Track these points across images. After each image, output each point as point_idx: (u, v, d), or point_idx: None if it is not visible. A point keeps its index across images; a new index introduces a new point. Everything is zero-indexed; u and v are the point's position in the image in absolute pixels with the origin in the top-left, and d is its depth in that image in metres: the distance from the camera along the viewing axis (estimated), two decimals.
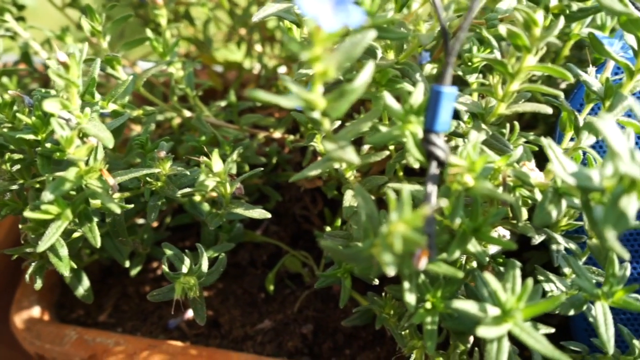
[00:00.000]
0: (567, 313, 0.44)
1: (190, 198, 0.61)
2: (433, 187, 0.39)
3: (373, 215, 0.41)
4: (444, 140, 0.40)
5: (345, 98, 0.38)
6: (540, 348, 0.38)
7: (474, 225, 0.40)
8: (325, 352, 0.61)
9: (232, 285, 0.68)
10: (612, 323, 0.42)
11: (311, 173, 0.46)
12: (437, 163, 0.40)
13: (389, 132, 0.42)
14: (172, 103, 0.62)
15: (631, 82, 0.44)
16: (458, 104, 0.48)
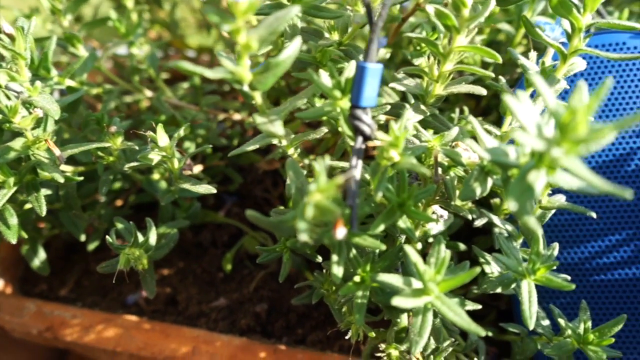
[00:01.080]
0: (494, 290, 0.45)
1: (148, 176, 0.62)
2: (357, 161, 0.40)
3: (302, 189, 0.42)
4: (371, 116, 0.41)
5: (271, 71, 0.39)
6: (459, 321, 0.39)
7: (398, 200, 0.41)
8: (277, 331, 0.62)
9: (192, 264, 0.69)
10: (536, 301, 0.42)
11: (248, 148, 0.47)
12: (363, 138, 0.41)
13: (320, 108, 0.43)
14: (134, 83, 0.63)
15: (564, 66, 0.45)
16: (401, 86, 0.48)
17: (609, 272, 0.52)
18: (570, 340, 0.44)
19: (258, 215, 0.40)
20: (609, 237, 0.51)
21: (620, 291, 0.51)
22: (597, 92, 0.31)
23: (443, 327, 0.52)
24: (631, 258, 0.51)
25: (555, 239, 0.53)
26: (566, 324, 0.44)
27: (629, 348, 0.51)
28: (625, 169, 0.51)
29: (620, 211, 0.51)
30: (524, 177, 0.35)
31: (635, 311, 0.51)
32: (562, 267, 0.52)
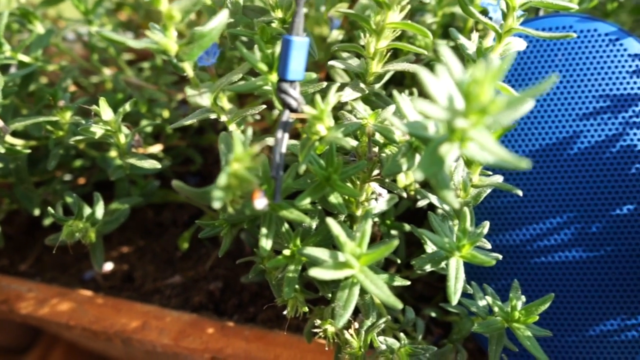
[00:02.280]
0: (424, 267, 0.45)
1: (104, 153, 0.62)
2: (283, 134, 0.41)
3: None
4: (298, 90, 0.41)
5: (196, 43, 0.39)
6: (379, 293, 0.39)
7: (324, 174, 0.42)
8: (229, 309, 0.63)
9: (152, 243, 0.70)
10: (463, 277, 0.43)
11: (186, 123, 0.47)
12: (290, 111, 0.41)
13: (253, 82, 0.43)
14: (92, 62, 0.64)
15: (500, 45, 0.45)
16: (340, 64, 0.49)
17: (550, 254, 0.52)
18: (499, 319, 0.45)
19: (182, 185, 0.40)
20: (550, 220, 0.51)
21: (560, 273, 0.52)
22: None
23: (382, 305, 0.52)
24: (571, 241, 0.51)
25: (498, 221, 0.53)
26: (494, 302, 0.44)
27: (567, 330, 0.52)
28: (568, 152, 0.51)
29: (562, 194, 0.51)
30: (435, 149, 0.35)
31: (575, 293, 0.51)
32: (504, 249, 0.53)
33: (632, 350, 0.51)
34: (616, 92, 0.51)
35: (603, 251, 0.51)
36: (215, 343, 0.57)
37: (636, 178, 0.50)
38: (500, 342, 0.46)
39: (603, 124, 0.51)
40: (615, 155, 0.50)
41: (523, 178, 0.52)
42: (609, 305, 0.51)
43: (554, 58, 0.52)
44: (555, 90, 0.52)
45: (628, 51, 0.51)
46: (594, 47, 0.51)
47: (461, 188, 0.46)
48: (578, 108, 0.51)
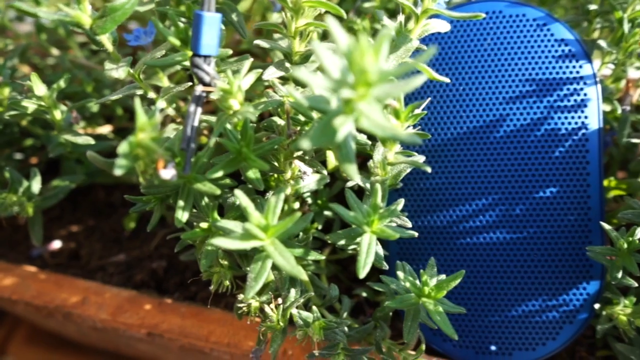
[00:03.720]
0: (337, 242, 0.46)
1: (49, 132, 0.63)
2: (196, 108, 0.42)
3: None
4: (213, 65, 0.42)
5: (109, 16, 0.40)
6: (285, 265, 0.40)
7: (236, 147, 0.42)
8: (171, 287, 0.64)
9: (102, 222, 0.71)
10: (374, 252, 0.43)
11: (112, 98, 0.48)
12: (202, 85, 0.42)
13: (171, 57, 0.44)
14: (40, 41, 0.65)
15: (418, 26, 0.46)
16: (265, 43, 0.49)
17: (476, 235, 0.53)
18: (413, 295, 0.45)
19: (95, 155, 0.41)
20: (476, 201, 0.52)
21: (485, 254, 0.52)
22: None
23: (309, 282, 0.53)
24: (496, 222, 0.52)
25: (427, 202, 0.54)
26: (405, 278, 0.45)
27: (491, 310, 0.53)
28: (495, 135, 0.52)
29: (488, 176, 0.52)
30: (329, 121, 0.36)
31: (498, 274, 0.52)
32: (431, 230, 0.54)
33: (553, 331, 0.52)
34: (542, 77, 0.52)
35: (526, 233, 0.52)
36: (151, 319, 0.58)
37: (559, 161, 0.51)
38: (415, 318, 0.46)
39: (529, 108, 0.52)
40: (539, 139, 0.51)
41: (451, 160, 0.53)
42: (531, 286, 0.52)
43: (482, 42, 0.53)
44: (484, 73, 0.52)
45: (555, 36, 0.52)
46: (522, 32, 0.52)
47: (379, 166, 0.47)
48: (505, 92, 0.52)
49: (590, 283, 0.51)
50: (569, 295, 0.51)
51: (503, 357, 0.53)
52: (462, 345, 0.53)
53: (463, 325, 0.53)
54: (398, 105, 0.43)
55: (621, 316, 0.49)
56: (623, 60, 0.53)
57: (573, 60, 0.51)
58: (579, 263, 0.51)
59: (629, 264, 0.45)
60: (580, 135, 0.51)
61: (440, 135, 0.53)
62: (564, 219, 0.51)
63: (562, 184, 0.51)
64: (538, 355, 0.52)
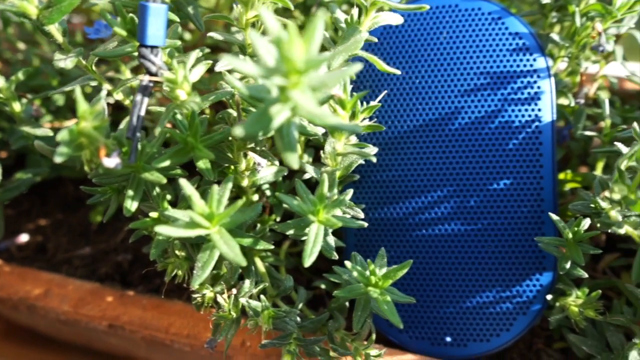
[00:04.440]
0: (286, 232, 0.46)
1: (13, 125, 0.64)
2: (142, 97, 0.42)
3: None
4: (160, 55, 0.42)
5: (55, 7, 0.41)
6: (228, 252, 0.40)
7: (182, 137, 0.43)
8: (135, 280, 0.64)
9: (70, 216, 0.72)
10: (321, 242, 0.44)
11: (66, 89, 0.48)
12: (149, 75, 0.42)
13: (121, 48, 0.45)
14: (7, 35, 0.65)
15: (367, 19, 0.46)
16: (219, 35, 0.50)
17: (431, 227, 0.53)
18: (361, 285, 0.46)
19: (42, 144, 0.42)
20: (431, 193, 0.53)
21: (439, 246, 0.53)
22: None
23: (266, 274, 0.54)
24: (451, 214, 0.52)
25: (382, 194, 0.54)
26: (353, 267, 0.45)
27: (446, 302, 0.53)
28: (450, 127, 0.52)
29: (443, 169, 0.52)
30: (266, 110, 0.36)
31: (453, 266, 0.53)
32: (388, 222, 0.54)
33: (507, 322, 0.52)
34: (496, 70, 0.52)
35: (480, 225, 0.52)
36: (112, 311, 0.59)
37: (513, 154, 0.51)
38: (365, 308, 0.47)
39: (483, 101, 0.52)
40: (493, 131, 0.52)
41: (407, 152, 0.53)
42: (485, 277, 0.52)
43: (439, 35, 0.53)
44: (439, 66, 0.53)
45: (509, 30, 0.52)
46: (477, 25, 0.53)
47: (329, 157, 0.47)
48: (460, 84, 0.52)
49: (543, 274, 0.51)
50: (522, 286, 0.52)
51: (458, 348, 0.53)
52: (418, 336, 0.54)
53: (419, 316, 0.54)
54: (344, 95, 0.43)
55: (572, 307, 0.49)
56: (577, 54, 0.53)
57: (527, 53, 0.52)
58: (532, 255, 0.51)
59: (575, 254, 0.46)
60: (534, 127, 0.51)
61: (397, 127, 0.54)
62: (518, 211, 0.51)
63: (515, 176, 0.51)
64: (492, 346, 0.52)
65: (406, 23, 0.54)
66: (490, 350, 0.52)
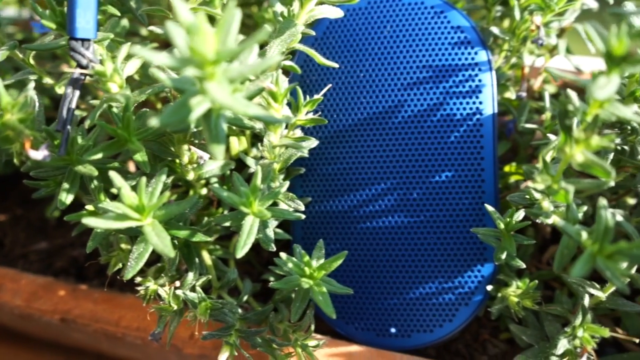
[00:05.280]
0: (222, 223, 0.46)
1: None
2: (73, 90, 0.42)
3: None
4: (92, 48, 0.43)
5: None
6: (158, 244, 0.41)
7: (114, 130, 0.43)
8: (91, 274, 0.65)
9: (29, 212, 0.72)
10: (255, 234, 0.44)
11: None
12: (81, 68, 0.43)
13: (56, 42, 0.45)
14: None
15: (303, 12, 0.47)
16: (159, 29, 0.50)
17: (375, 219, 0.53)
18: (297, 276, 0.46)
19: None
20: (375, 186, 0.53)
21: (383, 238, 0.53)
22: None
23: (212, 266, 0.54)
24: (394, 206, 0.53)
25: (328, 187, 0.55)
26: (288, 259, 0.46)
27: (390, 293, 0.53)
28: (393, 121, 0.53)
29: (387, 161, 0.53)
30: (186, 101, 0.36)
31: (397, 257, 0.53)
32: (333, 214, 0.54)
33: (450, 313, 0.52)
34: (438, 63, 0.52)
35: (423, 217, 0.52)
36: (64, 305, 0.59)
37: (455, 146, 0.52)
38: (304, 299, 0.47)
39: (425, 94, 0.52)
40: (435, 124, 0.52)
41: (352, 146, 0.54)
42: (428, 269, 0.53)
43: (382, 29, 0.54)
44: (383, 60, 0.53)
45: (451, 23, 0.53)
46: (420, 19, 0.53)
47: (267, 150, 0.48)
48: (403, 78, 0.53)
49: (484, 266, 0.52)
50: (464, 277, 0.52)
51: (402, 339, 0.53)
52: (363, 328, 0.54)
53: (364, 308, 0.54)
54: (275, 87, 0.44)
55: (512, 297, 0.50)
56: (518, 47, 0.53)
57: (468, 47, 0.52)
58: (473, 246, 0.52)
59: (509, 245, 0.46)
60: (475, 120, 0.52)
61: (342, 120, 0.54)
62: (460, 203, 0.52)
63: (457, 168, 0.52)
64: (436, 336, 0.53)
65: (351, 17, 0.54)
66: (434, 340, 0.53)
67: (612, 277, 0.35)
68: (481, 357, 0.56)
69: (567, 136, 0.37)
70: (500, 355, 0.56)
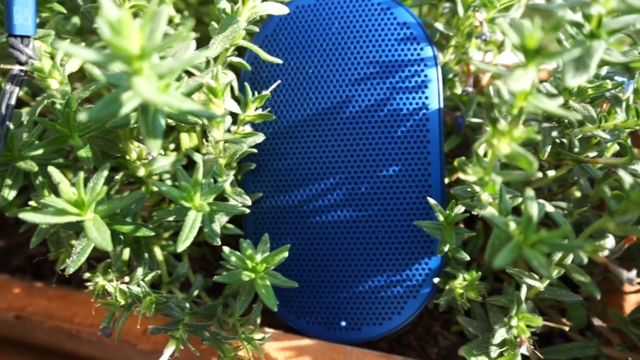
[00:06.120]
0: (166, 218, 0.47)
1: None
2: (12, 86, 0.43)
3: None
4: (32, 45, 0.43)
5: None
6: (97, 239, 0.41)
7: (54, 127, 0.43)
8: (48, 272, 0.65)
9: None
10: (197, 228, 0.45)
11: None
12: (19, 64, 0.43)
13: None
14: None
15: (245, 9, 0.47)
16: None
17: (325, 214, 0.54)
18: (241, 270, 0.47)
19: None
20: (324, 181, 0.54)
21: (332, 232, 0.54)
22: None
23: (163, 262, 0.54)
24: (343, 201, 0.53)
25: (279, 182, 0.55)
26: (231, 252, 0.46)
27: (340, 287, 0.54)
28: (341, 116, 0.53)
29: (335, 156, 0.53)
30: (117, 96, 0.37)
31: (346, 251, 0.54)
32: (284, 209, 0.55)
33: (398, 306, 0.53)
34: (385, 59, 0.53)
35: (371, 211, 0.53)
36: (19, 302, 0.59)
37: (401, 140, 0.53)
38: (250, 293, 0.48)
39: (372, 89, 0.53)
40: (383, 119, 0.53)
41: (301, 141, 0.54)
42: (377, 262, 0.53)
43: (330, 25, 0.54)
44: (331, 56, 0.54)
45: (397, 20, 0.53)
46: (367, 16, 0.54)
47: (212, 145, 0.48)
48: (350, 74, 0.53)
49: (432, 259, 0.53)
50: (412, 270, 0.53)
51: (353, 332, 0.54)
52: (315, 322, 0.55)
53: (315, 302, 0.55)
54: (214, 83, 0.44)
55: (457, 289, 0.51)
56: (463, 43, 0.54)
57: (414, 42, 0.53)
58: (420, 239, 0.52)
59: (448, 237, 0.47)
60: (421, 115, 0.52)
61: (292, 116, 0.55)
62: (407, 197, 0.53)
63: (404, 162, 0.52)
64: (385, 329, 0.53)
65: (300, 14, 0.55)
66: (384, 333, 0.54)
67: (538, 266, 0.36)
68: (432, 349, 0.57)
69: (494, 129, 0.38)
70: (450, 347, 0.56)
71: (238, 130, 0.51)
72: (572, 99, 0.45)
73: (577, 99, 0.46)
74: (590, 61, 0.35)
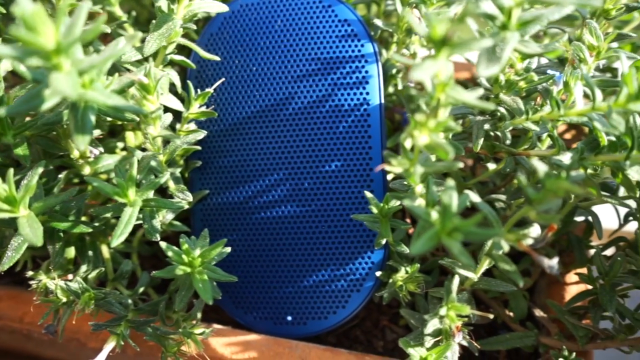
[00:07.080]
0: (103, 214, 0.47)
1: None
2: None
3: None
4: None
5: None
6: (28, 235, 0.41)
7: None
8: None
9: None
10: (132, 224, 0.45)
11: None
12: None
13: None
14: None
15: (180, 6, 0.48)
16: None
17: (269, 210, 0.54)
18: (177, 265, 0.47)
19: None
20: (269, 177, 0.54)
21: (277, 228, 0.54)
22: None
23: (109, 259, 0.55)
24: (287, 197, 0.54)
25: (224, 179, 0.56)
26: (168, 247, 0.46)
27: (285, 282, 0.54)
28: (285, 112, 0.54)
29: (279, 153, 0.54)
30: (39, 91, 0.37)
31: (290, 246, 0.54)
32: (230, 206, 0.55)
33: (342, 300, 0.54)
34: (327, 56, 0.54)
35: (314, 206, 0.54)
36: None
37: (343, 136, 0.53)
38: (189, 289, 0.48)
39: (314, 86, 0.54)
40: (325, 115, 0.53)
41: (245, 138, 0.55)
42: (320, 257, 0.54)
43: (273, 23, 0.55)
44: (274, 53, 0.55)
45: (339, 17, 0.54)
46: (309, 13, 0.54)
47: (148, 141, 0.49)
48: (293, 71, 0.54)
49: (374, 252, 0.53)
50: (355, 264, 0.53)
51: (299, 326, 0.55)
52: (261, 317, 0.55)
53: (262, 297, 0.55)
54: (147, 80, 0.45)
55: (398, 282, 0.51)
56: (403, 39, 0.55)
57: (355, 39, 0.54)
58: (363, 233, 0.53)
59: (384, 230, 0.47)
60: (362, 110, 0.53)
61: (236, 113, 0.55)
62: (349, 192, 0.53)
63: (346, 157, 0.53)
64: (331, 323, 0.54)
65: (244, 12, 0.56)
66: (329, 327, 0.54)
67: (458, 254, 0.37)
68: (378, 342, 0.57)
69: (414, 120, 0.39)
70: (397, 340, 0.57)
71: (182, 128, 0.52)
72: (502, 92, 0.46)
73: (509, 92, 0.47)
74: (502, 52, 0.36)
